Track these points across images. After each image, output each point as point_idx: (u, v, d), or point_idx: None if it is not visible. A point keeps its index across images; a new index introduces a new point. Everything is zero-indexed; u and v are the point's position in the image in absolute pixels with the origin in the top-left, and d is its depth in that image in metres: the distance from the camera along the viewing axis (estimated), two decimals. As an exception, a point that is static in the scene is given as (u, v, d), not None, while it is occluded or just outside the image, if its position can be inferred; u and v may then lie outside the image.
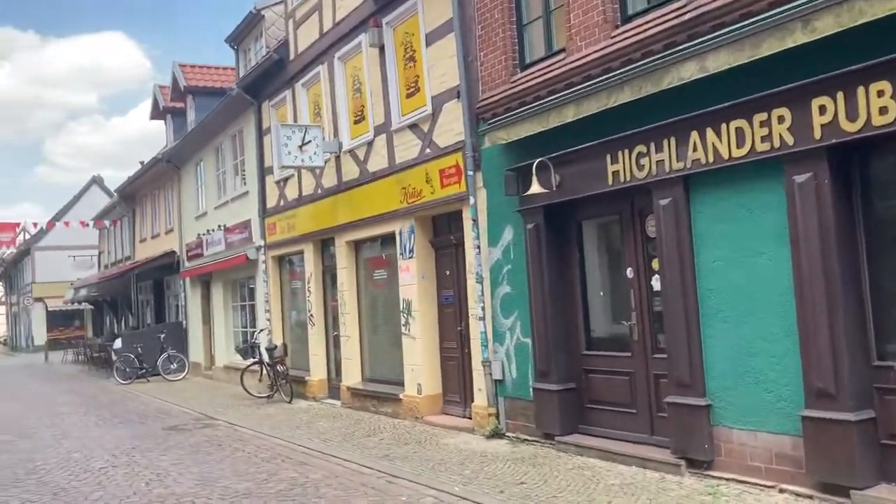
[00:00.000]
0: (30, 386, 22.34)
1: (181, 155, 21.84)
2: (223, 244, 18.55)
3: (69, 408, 15.82)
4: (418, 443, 9.53)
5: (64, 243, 48.09)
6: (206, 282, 20.76)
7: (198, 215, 20.92)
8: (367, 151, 12.07)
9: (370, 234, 12.20)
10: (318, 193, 13.76)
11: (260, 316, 16.80)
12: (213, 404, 14.78)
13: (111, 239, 33.69)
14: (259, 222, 16.35)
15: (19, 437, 12.08)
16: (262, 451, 9.76)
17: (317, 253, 14.15)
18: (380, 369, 12.40)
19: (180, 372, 20.73)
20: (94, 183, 51.42)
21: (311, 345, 14.30)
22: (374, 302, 12.67)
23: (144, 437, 11.32)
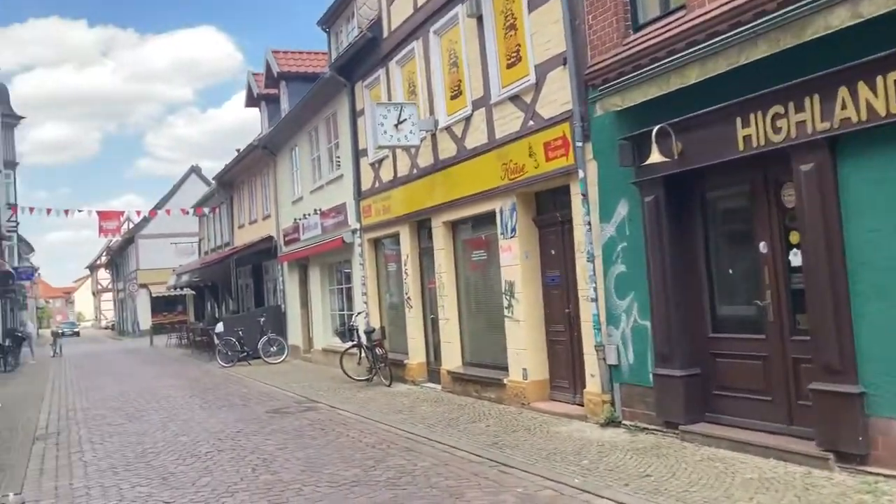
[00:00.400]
0: (137, 369, 23.04)
1: (276, 141, 21.96)
2: (319, 228, 18.51)
3: (174, 391, 16.11)
4: (527, 430, 9.08)
5: (166, 231, 49.80)
6: (303, 266, 20.85)
7: (294, 200, 21.00)
8: (465, 127, 11.63)
9: (468, 214, 11.78)
10: (413, 174, 13.43)
11: (357, 299, 16.68)
12: (313, 387, 14.74)
13: (210, 226, 34.52)
14: (354, 205, 16.18)
15: (128, 420, 12.28)
16: (366, 435, 9.52)
17: (413, 234, 13.85)
18: (481, 353, 12.00)
19: (280, 355, 20.93)
20: (192, 172, 53.03)
21: (408, 328, 14.04)
22: (473, 283, 12.26)
23: (248, 421, 11.28)
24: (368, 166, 15.43)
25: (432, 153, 12.64)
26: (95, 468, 8.67)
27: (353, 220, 16.35)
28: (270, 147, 22.44)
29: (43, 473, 8.67)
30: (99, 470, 8.56)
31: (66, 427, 12.06)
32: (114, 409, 13.81)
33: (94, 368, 24.58)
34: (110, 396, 15.90)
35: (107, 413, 13.29)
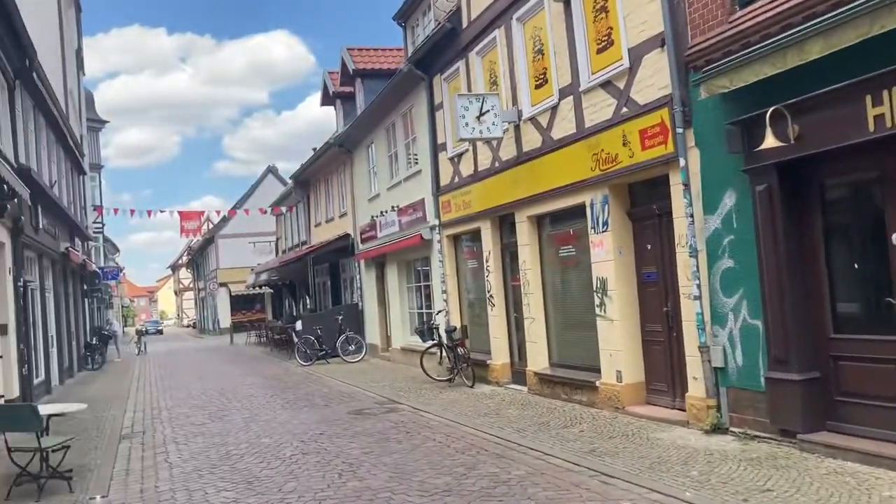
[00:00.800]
0: (218, 368, 23.30)
1: (352, 138, 21.84)
2: (397, 225, 18.26)
3: (255, 389, 16.09)
4: (625, 436, 8.53)
5: (244, 231, 50.72)
6: (380, 263, 20.66)
7: (370, 197, 20.83)
8: (551, 117, 11.12)
9: (555, 208, 11.26)
10: (495, 167, 12.98)
11: (436, 297, 16.35)
12: (394, 387, 14.47)
13: (287, 224, 34.83)
14: (433, 201, 15.84)
15: (211, 419, 12.22)
16: (453, 440, 9.13)
17: (495, 230, 13.41)
18: (570, 354, 11.48)
19: (358, 354, 20.80)
20: (269, 172, 53.85)
21: (491, 327, 13.61)
22: (560, 281, 11.74)
23: (331, 422, 11.05)
24: (447, 161, 15.06)
25: (515, 145, 12.17)
26: (180, 470, 8.53)
27: (431, 216, 16.02)
28: (347, 145, 22.35)
29: (129, 474, 8.58)
30: (184, 472, 8.41)
31: (150, 426, 12.08)
32: (196, 407, 13.82)
33: (177, 366, 25.00)
34: (193, 395, 15.99)
35: (190, 412, 13.29)
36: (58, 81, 25.44)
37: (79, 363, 24.61)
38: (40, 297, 17.76)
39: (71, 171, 25.31)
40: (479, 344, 14.18)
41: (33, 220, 16.13)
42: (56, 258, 20.23)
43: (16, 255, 14.14)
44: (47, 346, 18.02)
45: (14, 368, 13.56)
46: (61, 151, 22.55)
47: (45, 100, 17.76)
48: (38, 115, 18.25)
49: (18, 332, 14.01)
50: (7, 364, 13.11)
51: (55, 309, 20.20)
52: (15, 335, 13.86)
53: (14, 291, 13.99)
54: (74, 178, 26.21)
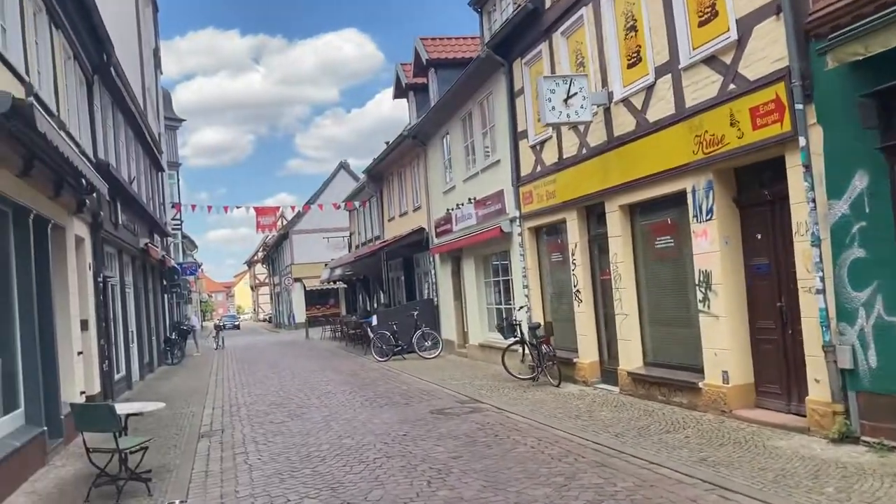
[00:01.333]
0: (295, 363, 23.19)
1: (426, 130, 21.36)
2: (474, 218, 17.69)
3: (333, 385, 15.78)
4: (738, 444, 7.76)
5: (318, 226, 51.03)
6: (456, 257, 20.13)
7: (445, 190, 20.32)
8: (646, 98, 10.34)
9: (651, 196, 10.48)
10: (582, 154, 12.26)
11: (517, 292, 15.71)
12: (474, 385, 13.91)
13: (361, 219, 34.69)
14: (513, 192, 15.20)
15: (290, 417, 11.90)
16: (546, 445, 8.51)
17: (582, 221, 12.69)
18: (667, 352, 10.70)
19: (434, 350, 20.33)
20: (341, 168, 54.08)
21: (578, 323, 12.90)
22: (656, 274, 10.95)
23: (413, 422, 10.56)
24: (529, 149, 14.39)
25: (605, 129, 11.43)
26: (260, 473, 8.15)
27: (511, 207, 15.39)
28: (420, 136, 21.88)
29: (208, 476, 8.26)
30: (264, 476, 8.03)
31: (229, 424, 11.83)
32: (275, 405, 13.55)
33: (255, 361, 25.03)
34: (271, 391, 15.78)
35: (269, 409, 13.02)
36: (135, 79, 25.76)
37: (159, 358, 24.90)
38: (120, 293, 17.86)
39: (149, 168, 25.60)
40: (563, 341, 13.49)
41: (112, 216, 16.17)
42: (136, 254, 20.39)
43: (95, 251, 14.13)
44: (127, 342, 18.13)
45: (95, 364, 13.54)
46: (139, 148, 22.76)
47: (123, 95, 17.82)
48: (116, 111, 18.35)
49: (98, 327, 14.00)
50: (88, 360, 13.08)
51: (135, 304, 20.37)
52: (95, 331, 13.85)
53: (94, 287, 13.97)
54: (153, 175, 26.53)
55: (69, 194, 11.42)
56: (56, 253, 11.70)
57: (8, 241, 9.26)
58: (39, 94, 10.12)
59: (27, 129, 8.03)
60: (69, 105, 12.57)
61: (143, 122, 22.34)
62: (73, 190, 11.55)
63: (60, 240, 11.75)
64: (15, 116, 7.66)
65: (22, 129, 8.12)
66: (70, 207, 11.91)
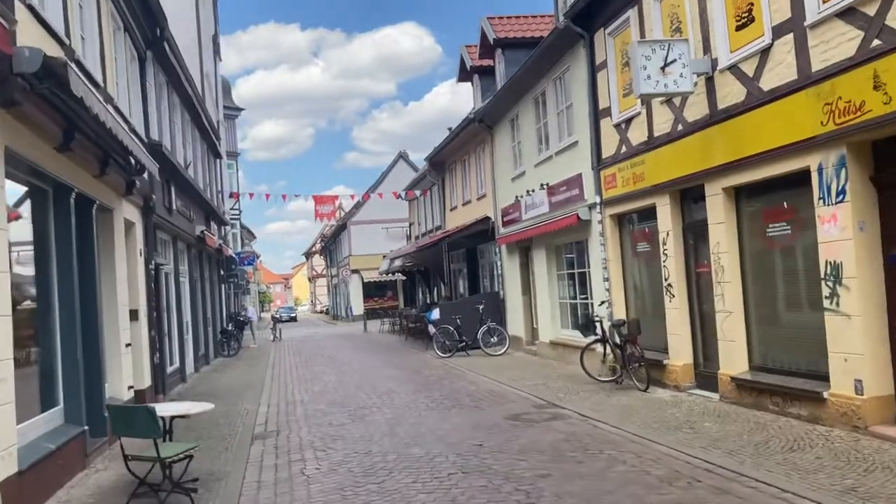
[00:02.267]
0: (353, 357, 22.30)
1: (494, 113, 20.16)
2: (546, 205, 16.45)
3: (395, 384, 14.76)
4: (888, 470, 6.41)
5: (376, 217, 50.37)
6: (525, 248, 18.91)
7: (514, 176, 19.10)
8: (760, 63, 8.97)
9: (762, 176, 9.11)
10: (677, 131, 10.93)
11: (595, 286, 14.43)
12: (550, 388, 12.72)
13: (421, 210, 33.70)
14: (593, 176, 13.92)
15: (351, 419, 10.91)
16: (649, 463, 7.29)
17: (675, 206, 11.36)
18: (780, 356, 9.34)
19: (500, 346, 19.16)
20: (400, 158, 53.26)
21: (669, 321, 11.58)
22: (767, 266, 9.58)
23: (488, 429, 9.43)
24: (612, 129, 13.09)
25: (706, 101, 10.09)
26: (319, 488, 7.13)
27: (590, 193, 14.11)
28: (487, 120, 20.68)
29: (260, 489, 7.30)
30: (323, 491, 7.01)
31: (285, 424, 10.91)
32: (334, 403, 12.59)
33: (312, 354, 24.25)
34: (329, 387, 14.85)
35: (327, 409, 12.07)
36: (193, 63, 25.17)
37: (215, 350, 24.31)
38: (174, 282, 17.17)
39: (207, 154, 25.01)
40: (649, 341, 12.18)
41: (166, 201, 15.43)
42: (192, 242, 19.72)
43: (147, 236, 13.37)
44: (182, 333, 17.44)
45: (145, 357, 12.77)
46: (196, 133, 22.13)
47: (179, 76, 17.09)
48: (172, 92, 17.64)
49: (149, 318, 13.24)
50: (138, 352, 12.31)
51: (190, 294, 19.72)
52: (146, 321, 13.09)
53: (145, 275, 13.21)
54: (210, 162, 25.96)
55: (117, 174, 10.60)
56: (103, 237, 10.92)
57: (47, 222, 8.43)
58: (83, 62, 9.27)
59: (62, 94, 7.14)
60: (118, 79, 11.76)
61: (201, 105, 21.69)
62: (121, 169, 10.73)
63: (108, 223, 10.96)
64: (48, 78, 6.77)
65: (58, 94, 7.23)
66: (118, 188, 11.10)
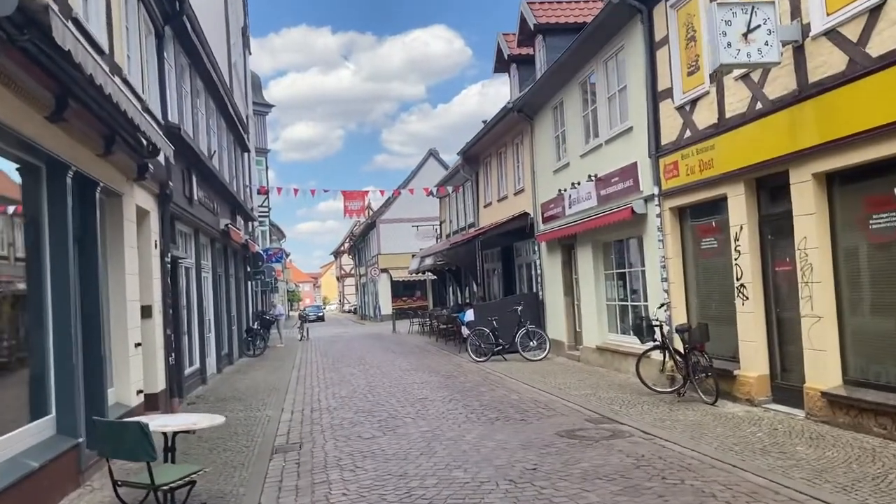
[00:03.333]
0: (383, 358, 21.13)
1: (534, 101, 18.88)
2: (594, 198, 15.16)
3: (428, 390, 13.57)
4: None
5: (405, 216, 49.27)
6: (567, 245, 17.61)
7: (556, 168, 17.81)
8: (867, 25, 7.64)
9: (865, 159, 7.77)
10: (755, 110, 9.61)
11: (651, 286, 13.11)
12: (601, 398, 11.44)
13: (452, 207, 32.50)
14: (650, 165, 12.61)
15: (382, 432, 9.73)
16: (742, 497, 6.00)
17: (751, 196, 10.03)
18: (885, 369, 7.98)
19: (540, 351, 17.88)
20: (430, 156, 52.19)
21: (741, 326, 10.25)
22: (867, 264, 8.24)
23: (541, 449, 8.19)
24: (674, 112, 11.78)
25: (794, 75, 8.75)
26: (347, 521, 5.96)
27: (646, 184, 12.80)
28: (527, 110, 19.41)
29: (278, 519, 6.13)
30: (352, 527, 5.83)
31: (309, 435, 9.78)
32: (364, 412, 11.43)
33: (340, 355, 23.14)
34: (358, 392, 13.69)
35: (356, 418, 10.91)
36: (221, 52, 24.23)
37: (239, 349, 23.33)
38: (196, 277, 16.14)
39: (233, 146, 24.03)
40: (716, 347, 10.85)
41: (186, 190, 14.39)
42: (215, 236, 18.71)
43: (164, 227, 12.32)
44: (203, 332, 16.41)
45: (159, 358, 11.72)
46: (222, 123, 21.13)
47: (202, 59, 16.07)
48: (195, 77, 16.63)
49: (165, 315, 12.19)
50: (149, 352, 11.25)
51: (213, 290, 18.70)
52: (161, 319, 12.03)
53: (161, 268, 12.16)
54: (237, 154, 24.99)
55: (125, 154, 9.53)
56: (111, 225, 9.87)
57: (39, 203, 7.37)
58: (82, 22, 8.19)
59: (49, 49, 6.04)
60: (130, 52, 10.71)
61: (227, 94, 20.70)
62: (131, 150, 9.66)
63: (116, 209, 9.90)
64: (29, 26, 5.67)
65: (45, 51, 6.13)
66: (128, 171, 10.04)
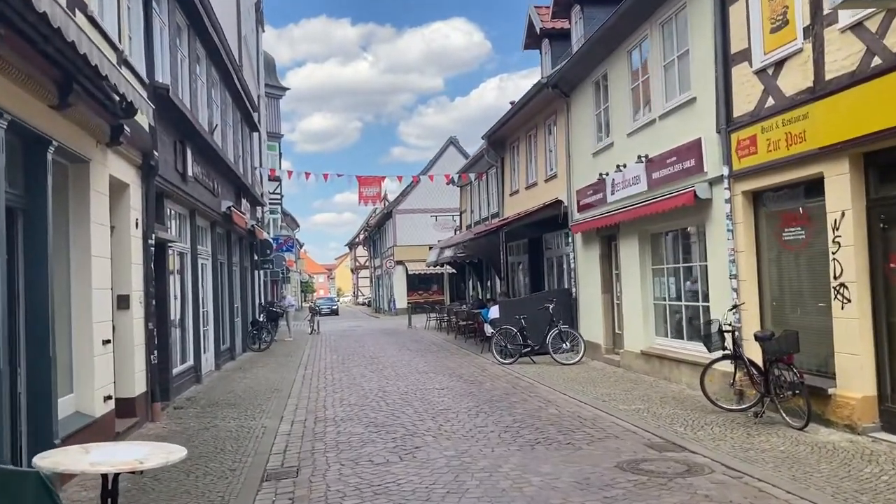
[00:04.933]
0: (398, 357, 19.35)
1: (572, 75, 16.99)
2: (643, 182, 13.29)
3: (451, 398, 11.79)
4: None
5: (423, 206, 47.56)
6: (607, 237, 15.75)
7: (597, 150, 15.94)
8: None
9: None
10: (870, 68, 7.71)
11: (714, 284, 11.25)
12: (657, 416, 9.62)
13: (474, 196, 30.66)
14: (718, 141, 10.74)
15: (397, 455, 7.96)
16: None
17: (857, 176, 8.14)
18: None
19: (574, 354, 16.06)
20: (450, 144, 50.41)
21: (838, 335, 8.38)
22: None
23: (602, 491, 6.37)
24: (751, 77, 9.89)
25: (932, 19, 6.87)
26: None
27: (713, 163, 10.94)
28: (563, 85, 17.52)
29: None
30: None
31: (309, 456, 8.04)
32: (376, 426, 9.67)
33: (352, 352, 21.38)
34: (370, 399, 11.93)
35: (366, 434, 9.14)
36: (229, 22, 22.51)
37: (243, 343, 21.65)
38: (191, 264, 14.43)
39: (241, 124, 22.31)
40: (802, 360, 8.99)
41: (179, 164, 12.67)
42: (216, 219, 16.99)
43: (148, 204, 10.60)
44: (198, 325, 14.70)
45: (138, 356, 10.01)
46: (227, 96, 19.40)
47: (202, 20, 14.33)
48: (194, 40, 14.88)
49: (147, 307, 10.46)
50: (125, 350, 9.55)
51: (213, 279, 17.00)
52: (143, 311, 10.32)
53: (144, 252, 10.44)
54: (244, 133, 23.26)
55: (90, 109, 7.78)
56: (74, 196, 8.14)
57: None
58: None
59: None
60: (102, -11, 8.96)
61: (233, 65, 18.96)
62: (99, 105, 7.91)
63: (81, 178, 8.17)
64: None
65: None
66: (98, 133, 8.28)
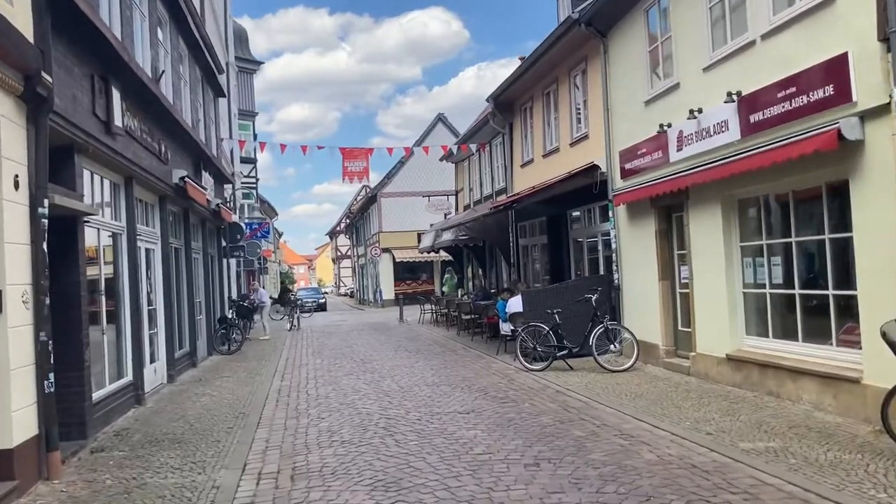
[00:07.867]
0: (397, 362, 15.88)
1: (611, 8, 13.56)
2: (735, 129, 9.91)
3: (485, 432, 8.34)
4: None
5: (410, 189, 44.20)
6: (666, 206, 12.35)
7: (651, 97, 12.53)
8: None
9: None
10: None
11: (864, 265, 7.89)
12: (808, 461, 6.26)
13: (474, 171, 27.18)
14: (880, 54, 7.36)
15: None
16: None
17: None
18: None
19: (623, 357, 12.70)
20: (439, 121, 47.01)
21: None
22: None
23: None
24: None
25: None
26: None
27: (866, 89, 7.57)
28: (597, 22, 14.08)
29: None
30: None
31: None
32: (386, 486, 6.20)
33: (339, 354, 17.83)
34: (370, 433, 8.45)
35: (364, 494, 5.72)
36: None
37: (209, 345, 18.12)
38: (127, 248, 10.90)
39: (201, 83, 18.67)
40: None
41: (100, 107, 9.10)
42: (167, 192, 13.43)
43: (38, 155, 7.06)
44: (138, 329, 11.17)
45: (16, 383, 6.48)
46: (181, 44, 15.77)
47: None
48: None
49: (37, 308, 6.92)
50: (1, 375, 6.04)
51: (163, 269, 13.45)
52: (29, 315, 6.79)
53: (32, 227, 6.92)
54: (206, 96, 19.61)
55: None
56: None
57: None
58: None
59: None
60: None
61: (190, 9, 15.37)
62: None
63: None
64: None
65: None
66: None
